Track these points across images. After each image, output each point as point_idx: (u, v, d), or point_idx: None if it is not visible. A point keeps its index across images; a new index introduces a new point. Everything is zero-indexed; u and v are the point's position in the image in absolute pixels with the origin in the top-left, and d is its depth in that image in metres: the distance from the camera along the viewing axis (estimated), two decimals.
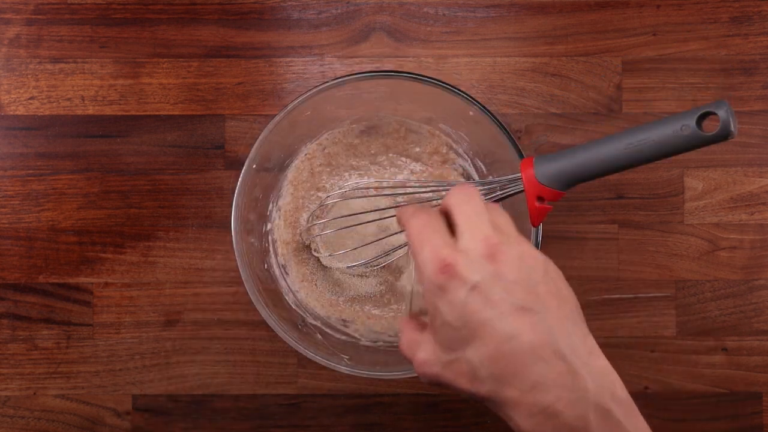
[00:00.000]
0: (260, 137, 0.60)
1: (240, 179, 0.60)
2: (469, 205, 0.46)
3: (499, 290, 0.42)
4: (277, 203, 0.69)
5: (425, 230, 0.45)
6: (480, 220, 0.45)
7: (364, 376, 0.60)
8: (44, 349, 0.71)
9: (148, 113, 0.71)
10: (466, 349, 0.43)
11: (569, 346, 0.42)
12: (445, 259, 0.43)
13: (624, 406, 0.42)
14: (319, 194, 0.69)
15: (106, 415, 0.70)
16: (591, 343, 0.44)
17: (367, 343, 0.67)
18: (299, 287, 0.69)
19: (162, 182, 0.71)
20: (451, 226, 0.46)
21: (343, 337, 0.67)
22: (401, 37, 0.72)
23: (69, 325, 0.71)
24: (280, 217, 0.69)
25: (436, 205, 0.64)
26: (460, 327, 0.43)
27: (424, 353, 0.45)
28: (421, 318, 0.50)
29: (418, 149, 0.69)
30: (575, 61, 0.71)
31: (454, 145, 0.68)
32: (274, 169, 0.67)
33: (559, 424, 0.41)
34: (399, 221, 0.50)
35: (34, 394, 0.71)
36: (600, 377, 0.43)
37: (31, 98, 0.71)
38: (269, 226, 0.68)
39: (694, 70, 0.71)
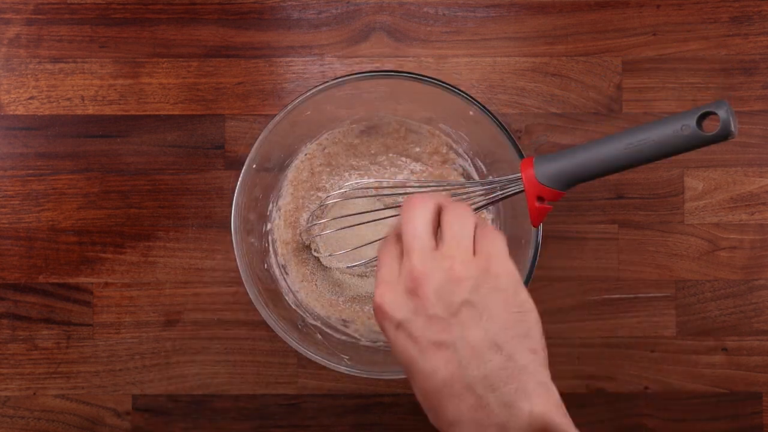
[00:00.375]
0: (260, 137, 0.60)
1: (240, 179, 0.60)
2: (409, 225, 0.46)
3: (420, 326, 0.43)
4: (277, 203, 0.69)
5: (382, 266, 0.47)
6: (414, 245, 0.45)
7: (364, 376, 0.60)
8: (44, 349, 0.71)
9: (148, 113, 0.71)
10: (413, 384, 0.46)
11: (482, 377, 0.41)
12: (375, 303, 0.45)
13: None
14: (319, 194, 0.69)
15: (106, 415, 0.70)
16: (513, 367, 0.41)
17: (367, 343, 0.67)
18: (299, 287, 0.69)
19: (162, 182, 0.71)
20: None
21: (343, 337, 0.67)
22: (401, 37, 0.72)
23: (69, 325, 0.71)
24: (280, 217, 0.69)
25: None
26: (402, 363, 0.45)
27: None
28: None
29: (418, 149, 0.69)
30: (575, 61, 0.71)
31: (454, 145, 0.68)
32: (274, 169, 0.67)
33: None
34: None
35: (34, 394, 0.71)
36: (512, 406, 0.41)
37: (31, 98, 0.71)
38: (269, 226, 0.68)
39: (694, 70, 0.71)
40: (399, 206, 0.68)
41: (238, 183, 0.60)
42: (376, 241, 0.66)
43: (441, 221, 0.46)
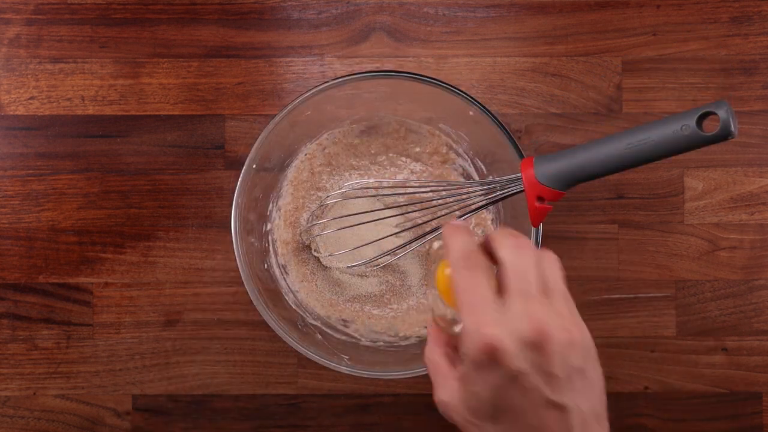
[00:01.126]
0: (260, 137, 0.60)
1: (240, 179, 0.60)
2: (519, 263, 0.44)
3: (537, 381, 0.41)
4: (277, 203, 0.69)
5: (474, 292, 0.43)
6: (529, 285, 0.43)
7: (364, 376, 0.60)
8: (44, 349, 0.71)
9: (148, 113, 0.71)
10: (492, 423, 0.43)
11: None
12: (491, 342, 0.41)
13: None
14: (319, 194, 0.69)
15: (106, 415, 0.70)
16: None
17: (367, 343, 0.67)
18: (299, 287, 0.69)
19: (162, 182, 0.71)
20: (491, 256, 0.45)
21: (343, 337, 0.67)
22: (401, 37, 0.72)
23: (69, 325, 0.71)
24: (280, 217, 0.69)
25: (436, 206, 0.64)
26: (489, 405, 0.42)
27: (448, 396, 0.44)
28: (449, 331, 0.48)
29: (418, 149, 0.69)
30: (575, 61, 0.71)
31: (454, 145, 0.68)
32: (274, 169, 0.67)
33: None
34: (444, 240, 0.47)
35: (34, 394, 0.71)
36: None
37: (31, 98, 0.71)
38: (269, 226, 0.68)
39: (694, 70, 0.71)
40: (399, 206, 0.68)
41: (238, 183, 0.60)
42: (376, 241, 0.66)
43: (542, 269, 0.45)
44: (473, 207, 0.59)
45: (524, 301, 0.42)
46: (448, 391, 0.44)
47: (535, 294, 0.43)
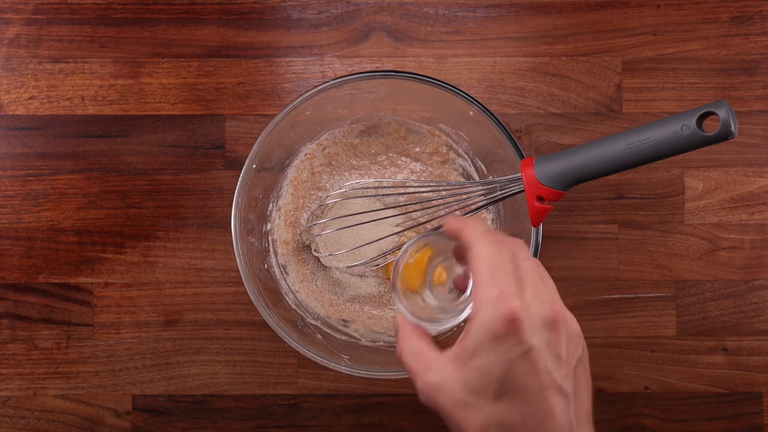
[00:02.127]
0: (260, 137, 0.60)
1: (240, 179, 0.60)
2: (531, 261, 0.45)
3: (549, 362, 0.41)
4: (277, 203, 0.69)
5: (501, 266, 0.43)
6: (543, 281, 0.44)
7: (364, 376, 0.60)
8: (44, 349, 0.71)
9: (148, 113, 0.71)
10: (492, 402, 0.42)
11: None
12: (514, 312, 0.41)
13: None
14: (320, 194, 0.69)
15: (106, 415, 0.70)
16: (592, 428, 0.44)
17: (367, 343, 0.67)
18: (299, 287, 0.69)
19: (162, 182, 0.71)
20: None
21: (343, 337, 0.67)
22: (401, 37, 0.72)
23: (69, 325, 0.71)
24: (280, 217, 0.69)
25: (436, 205, 0.64)
26: (496, 380, 0.42)
27: (438, 377, 0.43)
28: (420, 324, 0.48)
29: (418, 149, 0.69)
30: (575, 61, 0.71)
31: (454, 145, 0.68)
32: (274, 169, 0.67)
33: None
34: (452, 229, 0.47)
35: (34, 394, 0.71)
36: None
37: (31, 98, 0.71)
38: (269, 226, 0.68)
39: (694, 70, 0.71)
40: (399, 206, 0.68)
41: (238, 183, 0.60)
42: (375, 240, 0.66)
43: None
44: (473, 207, 0.59)
45: (546, 286, 0.43)
46: (439, 372, 0.43)
47: (550, 290, 0.44)
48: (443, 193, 0.64)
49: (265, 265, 0.67)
